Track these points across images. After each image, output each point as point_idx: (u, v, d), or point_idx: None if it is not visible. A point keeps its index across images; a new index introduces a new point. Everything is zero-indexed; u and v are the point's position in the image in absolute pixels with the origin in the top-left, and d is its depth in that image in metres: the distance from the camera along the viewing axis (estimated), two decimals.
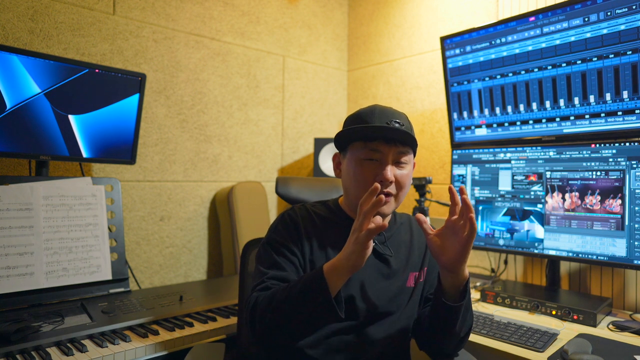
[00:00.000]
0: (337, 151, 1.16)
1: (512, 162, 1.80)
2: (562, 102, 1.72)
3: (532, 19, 1.73)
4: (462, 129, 2.03)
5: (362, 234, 0.87)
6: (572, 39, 1.65)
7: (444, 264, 0.97)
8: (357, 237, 0.88)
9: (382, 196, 0.87)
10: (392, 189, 1.05)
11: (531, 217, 1.74)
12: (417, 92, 2.49)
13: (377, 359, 1.09)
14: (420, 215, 0.98)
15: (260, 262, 1.08)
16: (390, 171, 1.03)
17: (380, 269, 1.11)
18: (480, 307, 1.64)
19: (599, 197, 1.57)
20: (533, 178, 1.74)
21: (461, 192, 0.93)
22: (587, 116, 1.67)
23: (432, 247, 0.97)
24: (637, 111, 1.55)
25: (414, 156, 1.12)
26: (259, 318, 0.95)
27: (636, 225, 1.49)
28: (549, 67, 1.72)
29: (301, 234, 1.09)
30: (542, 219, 1.71)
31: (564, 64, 1.69)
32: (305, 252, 1.08)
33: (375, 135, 1.04)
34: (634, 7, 1.50)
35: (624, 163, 1.53)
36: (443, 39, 2.00)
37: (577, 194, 1.62)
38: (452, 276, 0.98)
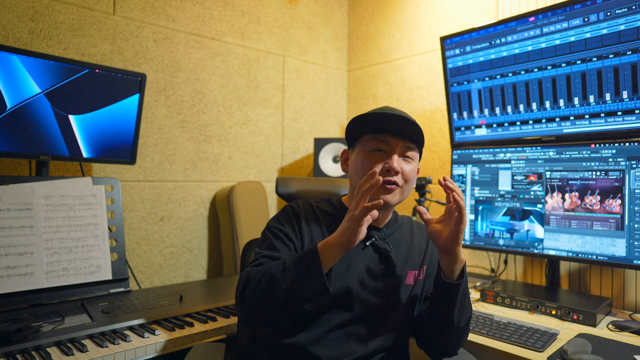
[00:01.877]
0: (346, 148, 1.21)
1: (512, 162, 1.80)
2: (561, 102, 1.72)
3: (532, 19, 1.73)
4: (462, 129, 2.03)
5: (357, 212, 0.90)
6: (572, 39, 1.65)
7: (441, 246, 1.02)
8: (352, 215, 0.91)
9: (380, 178, 0.91)
10: (398, 179, 1.08)
11: (531, 217, 1.74)
12: (417, 92, 2.49)
13: (376, 355, 1.10)
14: (420, 207, 1.06)
15: (257, 246, 1.12)
16: (397, 161, 1.07)
17: (380, 263, 1.13)
18: (480, 307, 1.64)
19: (598, 197, 1.57)
20: (533, 178, 1.74)
21: (444, 179, 1.00)
22: (586, 116, 1.67)
23: (431, 234, 1.04)
24: (636, 111, 1.55)
25: (420, 158, 1.16)
26: (250, 290, 0.97)
27: (636, 225, 1.49)
28: (549, 67, 1.72)
29: (301, 224, 1.12)
30: (542, 219, 1.71)
31: (563, 64, 1.69)
32: (305, 240, 1.11)
33: (384, 128, 1.08)
34: (633, 7, 1.50)
35: (623, 163, 1.53)
36: (443, 39, 2.00)
37: (576, 194, 1.62)
38: (449, 258, 1.02)
